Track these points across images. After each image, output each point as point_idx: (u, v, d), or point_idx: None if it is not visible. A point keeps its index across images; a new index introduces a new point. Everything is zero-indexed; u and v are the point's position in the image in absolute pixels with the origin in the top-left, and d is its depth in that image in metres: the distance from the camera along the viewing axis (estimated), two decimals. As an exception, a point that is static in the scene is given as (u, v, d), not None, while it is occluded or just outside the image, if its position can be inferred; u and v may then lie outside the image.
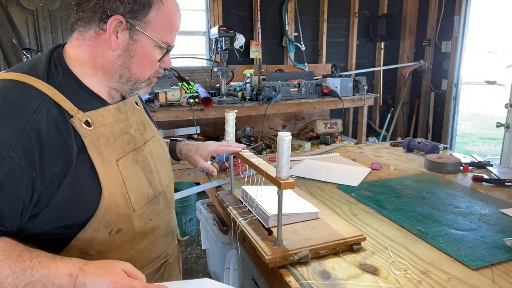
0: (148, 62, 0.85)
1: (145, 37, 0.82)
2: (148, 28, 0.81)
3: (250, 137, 3.50)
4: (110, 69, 0.83)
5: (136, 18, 0.80)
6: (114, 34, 0.79)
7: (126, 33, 0.80)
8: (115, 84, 0.86)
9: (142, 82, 0.88)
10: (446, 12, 3.98)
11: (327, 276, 0.82)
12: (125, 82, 0.86)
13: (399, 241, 0.97)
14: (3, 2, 2.87)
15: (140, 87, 0.88)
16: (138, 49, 0.82)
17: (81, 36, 0.82)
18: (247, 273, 1.14)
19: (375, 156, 1.77)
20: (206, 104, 2.80)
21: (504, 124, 2.92)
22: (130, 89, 0.88)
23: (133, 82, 0.86)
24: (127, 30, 0.80)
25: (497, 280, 0.80)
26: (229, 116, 1.18)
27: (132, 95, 0.91)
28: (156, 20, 0.82)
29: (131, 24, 0.80)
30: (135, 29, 0.80)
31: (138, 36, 0.81)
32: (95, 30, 0.80)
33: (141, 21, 0.80)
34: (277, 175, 0.85)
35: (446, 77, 4.08)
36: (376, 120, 4.60)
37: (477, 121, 8.00)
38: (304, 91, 3.20)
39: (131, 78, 0.86)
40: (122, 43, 0.81)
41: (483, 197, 1.25)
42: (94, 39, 0.81)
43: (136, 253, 0.87)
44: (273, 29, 3.85)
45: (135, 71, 0.85)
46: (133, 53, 0.82)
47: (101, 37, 0.80)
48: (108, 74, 0.84)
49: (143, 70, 0.86)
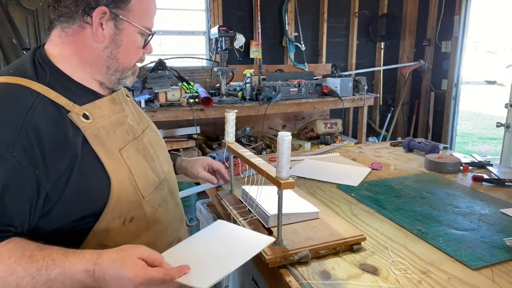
0: (133, 49, 0.87)
1: (129, 25, 0.83)
2: (131, 16, 0.83)
3: (250, 137, 3.50)
4: (97, 61, 0.84)
5: (119, 7, 0.81)
6: (99, 26, 0.79)
7: (111, 24, 0.81)
8: (103, 76, 0.86)
9: (128, 70, 0.89)
10: (446, 12, 3.97)
11: (327, 276, 0.82)
12: (113, 73, 0.86)
13: (399, 241, 0.97)
14: (3, 2, 2.87)
15: (126, 75, 0.89)
16: (124, 38, 0.83)
17: (63, 33, 0.81)
18: (247, 273, 1.14)
19: (375, 156, 1.77)
20: (206, 104, 2.80)
21: (504, 124, 2.92)
22: (118, 79, 0.88)
23: (120, 72, 0.87)
24: (112, 20, 0.81)
25: (497, 280, 0.80)
26: (229, 116, 1.18)
27: (119, 86, 0.91)
28: (137, 7, 0.83)
29: (114, 14, 0.80)
30: (119, 18, 0.81)
31: (123, 25, 0.82)
32: (79, 24, 0.80)
33: (124, 9, 0.81)
34: (277, 175, 0.85)
35: (446, 77, 4.08)
36: (376, 120, 4.60)
37: (477, 121, 7.99)
38: (304, 91, 3.20)
39: (118, 68, 0.86)
40: (107, 34, 0.81)
41: (483, 197, 1.25)
42: (78, 33, 0.81)
43: (153, 240, 0.89)
44: (273, 29, 3.85)
45: (122, 61, 0.86)
46: (120, 42, 0.83)
47: (85, 30, 0.80)
48: (95, 67, 0.84)
49: (130, 58, 0.87)
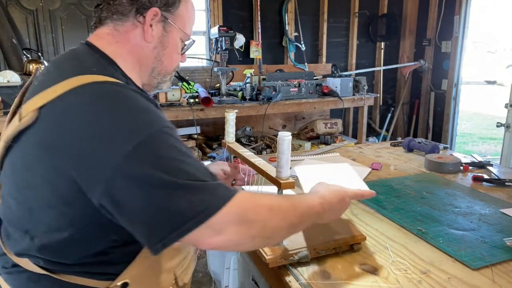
0: (175, 54, 0.89)
1: (175, 29, 0.86)
2: (178, 21, 0.86)
3: (250, 137, 3.50)
4: (146, 62, 0.85)
5: (169, 11, 0.84)
6: (149, 26, 0.82)
7: (160, 25, 0.83)
8: (147, 78, 0.88)
9: (168, 75, 0.91)
10: (446, 12, 3.97)
11: (327, 276, 0.82)
12: (156, 76, 0.88)
13: (399, 241, 0.97)
14: (3, 2, 2.87)
15: (165, 80, 0.92)
16: (170, 41, 0.86)
17: (115, 31, 0.81)
18: (247, 273, 1.14)
19: (375, 156, 1.77)
20: (206, 104, 2.80)
21: (504, 124, 2.92)
22: (157, 83, 0.90)
23: (162, 75, 0.89)
24: (161, 22, 0.83)
25: (497, 280, 0.80)
26: (229, 116, 1.18)
27: (156, 91, 0.94)
28: (183, 13, 0.86)
29: (164, 17, 0.83)
30: (168, 21, 0.84)
31: (170, 28, 0.85)
32: (132, 23, 0.81)
33: (173, 14, 0.84)
34: (277, 175, 0.85)
35: (446, 77, 4.08)
36: (376, 120, 4.60)
37: (477, 121, 7.99)
38: (304, 91, 3.20)
39: (161, 71, 0.88)
40: (156, 35, 0.83)
41: (483, 197, 1.25)
42: (130, 32, 0.82)
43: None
44: (273, 29, 3.85)
45: (166, 63, 0.88)
46: (166, 44, 0.86)
47: (137, 30, 0.82)
48: (143, 68, 0.86)
49: (172, 62, 0.89)
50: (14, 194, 0.73)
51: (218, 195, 0.65)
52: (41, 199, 0.69)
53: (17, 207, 0.72)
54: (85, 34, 3.20)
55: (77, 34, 3.13)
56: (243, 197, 0.68)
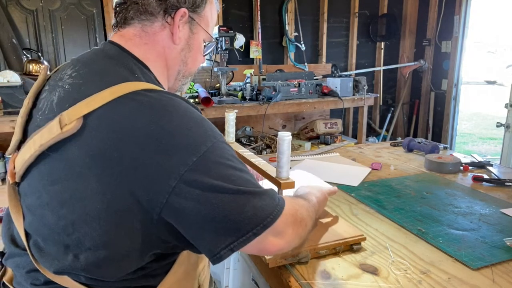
0: (200, 55, 0.87)
1: (200, 30, 0.84)
2: (203, 22, 0.84)
3: (250, 137, 3.50)
4: (173, 65, 0.83)
5: (196, 12, 0.81)
6: (177, 27, 0.79)
7: (187, 26, 0.81)
8: (172, 81, 0.86)
9: (190, 76, 0.89)
10: (446, 12, 3.97)
11: (327, 276, 0.82)
12: (181, 78, 0.87)
13: (399, 241, 0.97)
14: (3, 2, 2.87)
15: (187, 82, 0.90)
16: (195, 42, 0.84)
17: (143, 33, 0.77)
18: (247, 273, 1.14)
19: (375, 156, 1.77)
20: (206, 104, 2.80)
21: (504, 124, 2.92)
22: (181, 85, 0.88)
23: (186, 77, 0.88)
24: (188, 23, 0.81)
25: (497, 280, 0.80)
26: (229, 116, 1.18)
27: (177, 93, 0.91)
28: (207, 14, 0.84)
29: (191, 18, 0.81)
30: (194, 22, 0.82)
31: (196, 29, 0.83)
32: (161, 24, 0.78)
33: (199, 14, 0.82)
34: (277, 175, 0.85)
35: (446, 77, 4.07)
36: (376, 120, 4.60)
37: (477, 121, 7.99)
38: (304, 91, 3.20)
39: (186, 73, 0.87)
40: (183, 36, 0.81)
41: (483, 197, 1.25)
42: (158, 34, 0.78)
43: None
44: (273, 29, 3.85)
45: (190, 65, 0.86)
46: (192, 46, 0.84)
47: (164, 31, 0.79)
48: (171, 71, 0.84)
49: (196, 63, 0.88)
50: (54, 206, 0.66)
51: (277, 200, 0.69)
52: (89, 212, 0.64)
53: (56, 220, 0.66)
54: (85, 34, 3.22)
55: (77, 34, 3.13)
56: (290, 201, 0.75)
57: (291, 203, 0.74)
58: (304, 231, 0.76)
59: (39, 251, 0.70)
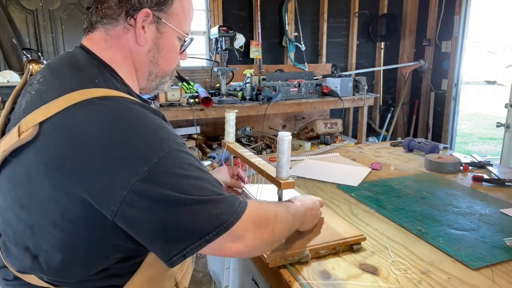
0: (173, 54, 0.85)
1: (170, 29, 0.81)
2: (172, 20, 0.81)
3: (250, 137, 3.50)
4: (142, 66, 0.82)
5: (162, 11, 0.79)
6: (141, 28, 0.77)
7: (153, 27, 0.79)
8: (144, 82, 0.85)
9: (167, 76, 0.88)
10: (446, 12, 3.98)
11: (327, 276, 0.82)
12: (154, 79, 0.85)
13: (399, 241, 0.97)
14: (3, 2, 2.87)
15: (165, 81, 0.88)
16: (165, 42, 0.82)
17: (107, 36, 0.77)
18: (247, 273, 1.14)
19: (375, 156, 1.77)
20: (206, 104, 2.80)
21: (504, 124, 2.92)
22: (156, 86, 0.87)
23: (160, 78, 0.86)
24: (154, 23, 0.79)
25: (497, 280, 0.80)
26: (229, 116, 1.18)
27: (155, 92, 0.91)
28: (178, 11, 0.81)
29: (157, 17, 0.78)
30: (161, 21, 0.79)
31: (164, 29, 0.80)
32: (123, 26, 0.77)
33: (166, 13, 0.79)
34: (277, 175, 0.85)
35: (446, 77, 4.08)
36: (376, 120, 4.60)
37: (477, 121, 7.99)
38: (304, 91, 3.20)
39: (158, 73, 0.85)
40: (150, 37, 0.79)
41: (483, 197, 1.25)
42: (122, 36, 0.77)
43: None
44: (273, 29, 3.85)
45: (163, 66, 0.84)
46: (161, 46, 0.81)
47: (129, 33, 0.78)
48: (140, 73, 0.83)
49: (170, 63, 0.86)
50: (16, 209, 0.69)
51: (236, 206, 0.69)
52: (45, 217, 0.66)
53: (17, 223, 0.69)
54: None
55: (77, 34, 3.13)
56: (255, 205, 0.74)
57: (255, 208, 0.73)
58: (271, 236, 0.74)
59: (6, 250, 0.74)
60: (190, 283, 0.95)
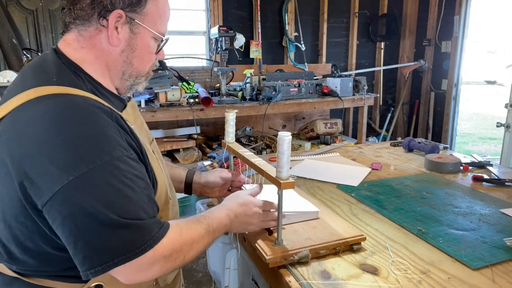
0: (147, 54, 0.85)
1: (144, 29, 0.81)
2: (146, 20, 0.81)
3: (250, 137, 3.50)
4: (115, 66, 0.82)
5: (135, 11, 0.79)
6: (114, 29, 0.78)
7: (126, 27, 0.79)
8: (118, 81, 0.85)
9: (142, 76, 0.88)
10: (446, 12, 3.97)
11: (327, 276, 0.82)
12: (127, 78, 0.85)
13: (399, 241, 0.97)
14: (3, 2, 2.87)
15: (139, 82, 0.88)
16: (139, 43, 0.82)
17: (80, 37, 0.79)
18: (247, 273, 1.14)
19: (375, 156, 1.77)
20: (206, 104, 2.80)
21: (504, 124, 2.92)
22: (130, 85, 0.87)
23: (134, 77, 0.86)
24: (127, 24, 0.79)
25: (497, 280, 0.80)
26: (229, 116, 1.18)
27: (131, 92, 0.90)
28: (152, 11, 0.82)
29: (130, 18, 0.79)
30: (134, 22, 0.80)
31: (138, 29, 0.81)
32: (96, 27, 0.78)
33: (140, 13, 0.80)
34: (277, 175, 0.85)
35: (446, 77, 4.08)
36: (376, 120, 4.60)
37: (477, 121, 7.99)
38: (304, 91, 3.20)
39: (132, 73, 0.85)
40: (123, 37, 0.80)
41: (483, 197, 1.25)
42: (95, 37, 0.79)
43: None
44: (273, 29, 3.85)
45: (136, 66, 0.85)
46: (135, 46, 0.82)
47: (101, 34, 0.78)
48: (113, 72, 0.83)
49: (144, 63, 0.86)
50: None
51: (154, 233, 0.69)
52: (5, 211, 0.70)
53: None
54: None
55: (77, 34, 3.12)
56: (172, 236, 0.72)
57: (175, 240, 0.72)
58: (179, 264, 0.74)
59: None
60: (190, 283, 0.95)
